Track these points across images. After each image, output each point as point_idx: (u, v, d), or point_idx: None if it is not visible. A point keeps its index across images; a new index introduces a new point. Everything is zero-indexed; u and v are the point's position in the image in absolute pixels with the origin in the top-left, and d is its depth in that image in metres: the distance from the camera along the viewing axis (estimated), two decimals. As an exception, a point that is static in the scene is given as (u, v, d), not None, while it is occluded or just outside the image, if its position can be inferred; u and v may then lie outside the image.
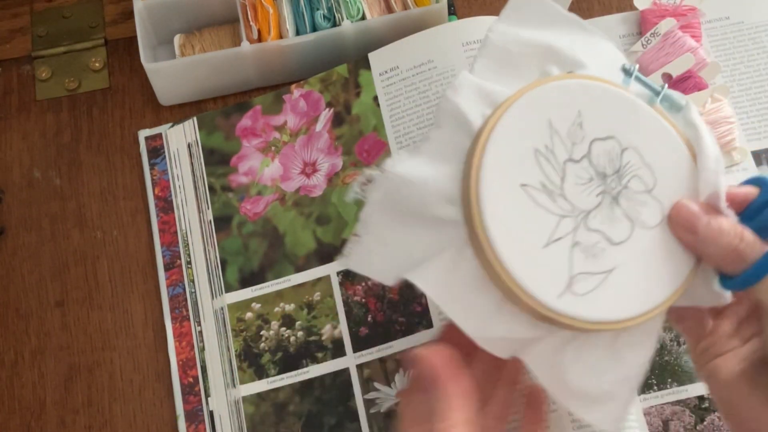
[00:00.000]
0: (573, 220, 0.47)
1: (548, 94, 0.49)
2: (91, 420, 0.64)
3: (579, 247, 0.46)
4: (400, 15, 0.71)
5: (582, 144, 0.48)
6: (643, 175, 0.48)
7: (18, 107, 0.74)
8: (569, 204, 0.47)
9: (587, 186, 0.48)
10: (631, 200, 0.48)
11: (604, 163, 0.48)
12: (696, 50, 0.69)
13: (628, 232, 0.47)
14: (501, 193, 0.46)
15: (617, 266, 0.47)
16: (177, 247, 0.69)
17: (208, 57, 0.70)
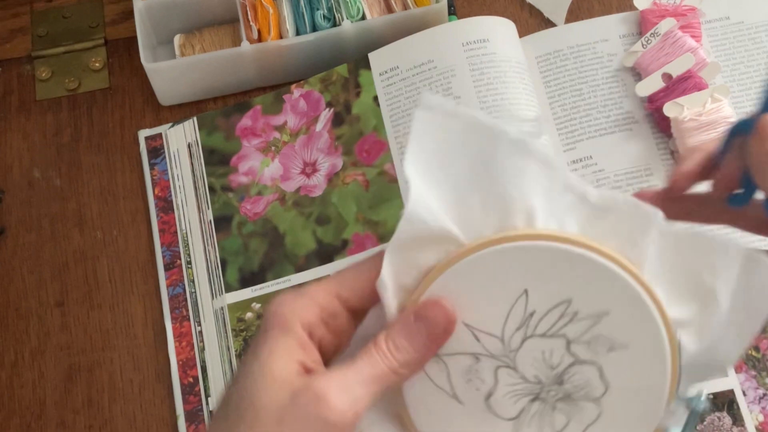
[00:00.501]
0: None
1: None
2: (91, 420, 0.64)
3: None
4: (400, 15, 0.71)
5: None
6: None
7: (18, 107, 0.74)
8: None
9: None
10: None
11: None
12: (696, 50, 0.69)
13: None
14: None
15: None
16: (177, 247, 0.69)
17: (208, 57, 0.70)
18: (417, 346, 0.40)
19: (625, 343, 0.41)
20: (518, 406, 0.41)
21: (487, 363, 0.41)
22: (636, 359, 0.41)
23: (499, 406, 0.41)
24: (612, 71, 0.71)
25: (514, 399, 0.41)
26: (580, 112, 0.70)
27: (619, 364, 0.41)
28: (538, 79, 0.71)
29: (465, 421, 0.41)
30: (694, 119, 0.66)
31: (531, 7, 0.76)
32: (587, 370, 0.41)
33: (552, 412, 0.41)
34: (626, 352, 0.41)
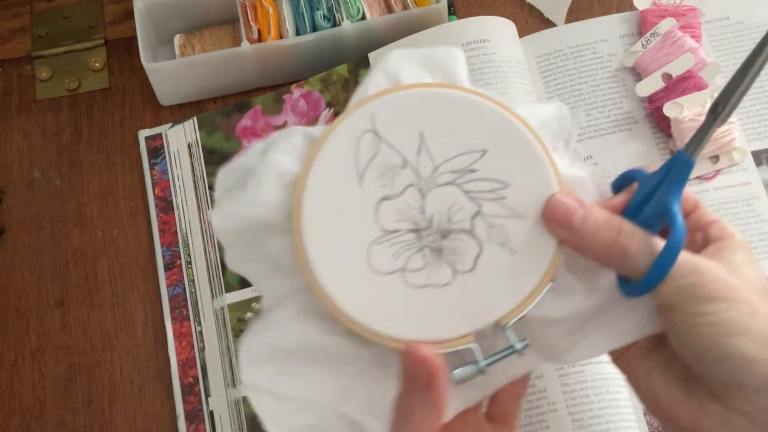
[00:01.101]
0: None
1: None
2: (91, 420, 0.64)
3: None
4: (400, 15, 0.71)
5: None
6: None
7: (18, 107, 0.74)
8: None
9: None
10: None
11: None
12: (696, 50, 0.69)
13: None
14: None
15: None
16: (177, 247, 0.69)
17: (208, 57, 0.70)
18: (414, 400, 0.43)
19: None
20: (397, 225, 0.45)
21: (406, 175, 0.45)
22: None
23: (385, 213, 0.45)
24: (612, 71, 0.71)
25: (399, 218, 0.45)
26: (580, 112, 0.70)
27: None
28: (538, 79, 0.71)
29: (347, 205, 0.45)
30: (694, 119, 0.66)
31: (531, 7, 0.76)
32: (469, 242, 0.45)
33: (418, 252, 0.45)
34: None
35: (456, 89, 0.47)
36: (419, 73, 0.49)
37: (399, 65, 0.49)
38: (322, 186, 0.45)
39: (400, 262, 0.45)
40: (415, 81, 0.48)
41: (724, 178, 0.67)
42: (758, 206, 0.66)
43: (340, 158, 0.46)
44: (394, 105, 0.46)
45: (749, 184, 0.67)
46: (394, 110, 0.46)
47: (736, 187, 0.67)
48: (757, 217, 0.66)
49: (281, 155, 0.47)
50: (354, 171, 0.46)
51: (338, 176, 0.46)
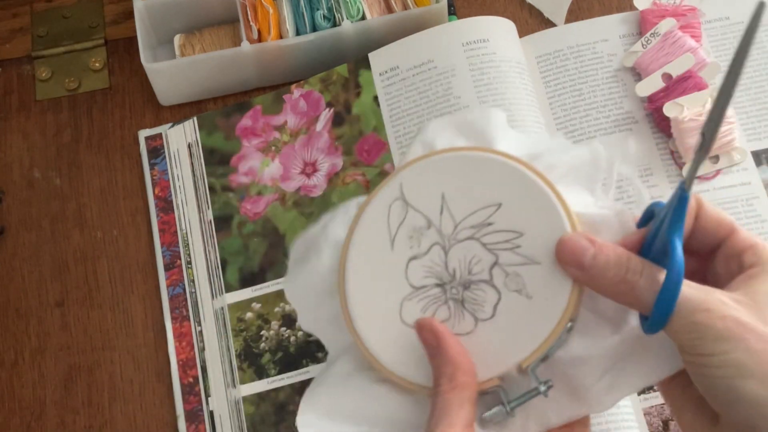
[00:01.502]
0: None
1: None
2: (91, 420, 0.64)
3: None
4: (400, 15, 0.71)
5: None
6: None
7: (18, 107, 0.74)
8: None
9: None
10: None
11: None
12: (696, 50, 0.69)
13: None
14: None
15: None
16: (177, 247, 0.69)
17: (208, 57, 0.70)
18: (436, 365, 0.46)
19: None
20: (424, 281, 0.49)
21: (431, 235, 0.49)
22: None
23: (413, 271, 0.49)
24: (612, 71, 0.71)
25: (426, 274, 0.49)
26: (580, 112, 0.70)
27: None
28: (538, 79, 0.71)
29: (382, 267, 0.49)
30: (694, 119, 0.66)
31: (531, 7, 0.76)
32: (488, 291, 0.48)
33: (444, 304, 0.48)
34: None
35: (474, 150, 0.50)
36: (453, 139, 0.52)
37: (435, 133, 0.53)
38: (361, 252, 0.50)
39: (428, 315, 0.48)
40: (447, 146, 0.52)
41: (724, 178, 0.67)
42: (758, 206, 0.66)
43: (375, 225, 0.50)
44: (419, 171, 0.51)
45: (749, 184, 0.67)
46: (419, 176, 0.50)
47: (736, 187, 0.67)
48: (757, 217, 0.66)
49: (337, 227, 0.53)
50: (387, 235, 0.50)
51: (374, 242, 0.50)
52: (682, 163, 0.67)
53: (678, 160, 0.68)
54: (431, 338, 0.47)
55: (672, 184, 0.67)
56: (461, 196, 0.49)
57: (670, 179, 0.67)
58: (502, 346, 0.47)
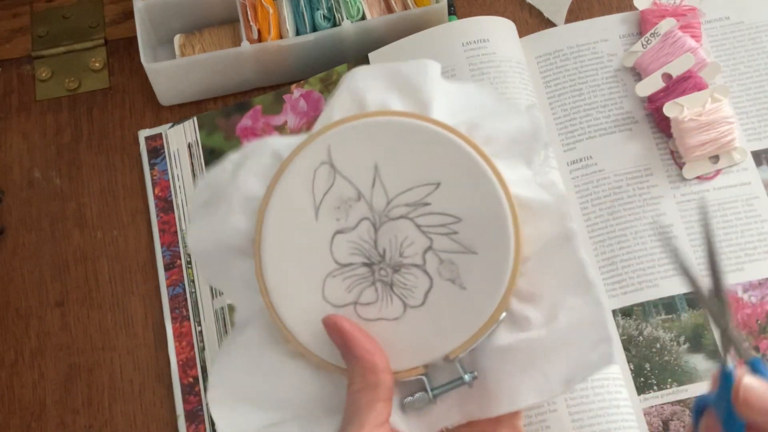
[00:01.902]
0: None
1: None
2: (91, 420, 0.64)
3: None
4: (400, 15, 0.71)
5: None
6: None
7: (18, 107, 0.74)
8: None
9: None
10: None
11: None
12: (696, 50, 0.69)
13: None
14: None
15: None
16: (177, 247, 0.69)
17: (208, 57, 0.70)
18: (347, 363, 0.45)
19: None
20: (351, 259, 0.45)
21: (361, 208, 0.46)
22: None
23: (339, 246, 0.46)
24: (612, 71, 0.71)
25: (353, 251, 0.46)
26: (580, 112, 0.70)
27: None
28: (538, 79, 0.71)
29: (304, 237, 0.46)
30: (694, 119, 0.66)
31: (531, 7, 0.76)
32: (420, 277, 0.45)
33: (371, 285, 0.46)
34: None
35: (413, 118, 0.46)
36: (386, 93, 0.48)
37: (365, 84, 0.49)
38: (281, 216, 0.46)
39: (352, 296, 0.46)
40: (380, 103, 0.48)
41: (724, 178, 0.67)
42: (758, 206, 0.66)
43: (298, 189, 0.46)
44: (350, 135, 0.47)
45: (749, 184, 0.67)
46: (350, 141, 0.46)
47: (736, 187, 0.67)
48: (757, 217, 0.66)
49: (250, 177, 0.48)
50: (311, 202, 0.46)
51: (296, 207, 0.46)
52: (682, 163, 0.67)
53: (678, 160, 0.68)
54: (338, 338, 0.45)
55: (672, 184, 0.67)
56: (396, 168, 0.46)
57: (670, 179, 0.67)
58: (430, 336, 0.45)
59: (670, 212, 0.66)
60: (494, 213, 0.45)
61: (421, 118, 0.46)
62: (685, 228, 0.66)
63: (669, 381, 0.61)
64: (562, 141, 0.69)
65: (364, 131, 0.46)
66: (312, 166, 0.47)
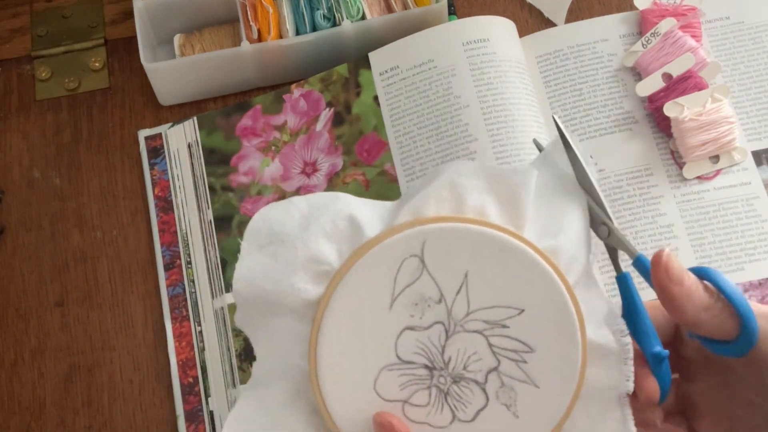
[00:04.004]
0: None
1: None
2: (91, 420, 0.64)
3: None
4: (400, 15, 0.71)
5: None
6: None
7: (18, 107, 0.74)
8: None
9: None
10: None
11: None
12: (696, 50, 0.69)
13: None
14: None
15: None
16: (177, 247, 0.69)
17: (208, 57, 0.70)
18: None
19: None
20: (413, 357, 0.45)
21: (439, 311, 0.45)
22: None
23: (405, 342, 0.45)
24: (612, 71, 0.71)
25: (418, 351, 0.45)
26: (580, 112, 0.70)
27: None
28: (538, 79, 0.71)
29: (372, 322, 0.45)
30: (694, 119, 0.66)
31: (531, 7, 0.76)
32: (477, 393, 0.45)
33: (426, 389, 0.45)
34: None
35: (517, 239, 0.45)
36: (486, 197, 0.47)
37: (468, 182, 0.47)
38: (355, 293, 0.45)
39: (405, 394, 0.45)
40: (479, 207, 0.46)
41: (724, 178, 0.67)
42: (758, 206, 0.66)
43: (380, 273, 0.45)
44: (448, 236, 0.45)
45: (749, 184, 0.67)
46: (446, 242, 0.45)
47: (736, 187, 0.67)
48: (757, 217, 0.66)
49: (321, 238, 0.46)
50: (389, 291, 0.45)
51: (372, 290, 0.45)
52: (682, 163, 0.67)
53: (678, 160, 0.68)
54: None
55: (672, 184, 0.67)
56: (485, 282, 0.45)
57: (670, 179, 0.67)
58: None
59: (670, 212, 0.66)
60: (567, 354, 0.45)
61: (518, 238, 0.45)
62: (686, 228, 0.66)
63: (669, 381, 0.60)
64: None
65: (461, 236, 0.45)
66: (401, 255, 0.45)
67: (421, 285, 0.45)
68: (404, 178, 0.66)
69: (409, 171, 0.67)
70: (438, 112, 0.68)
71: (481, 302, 0.45)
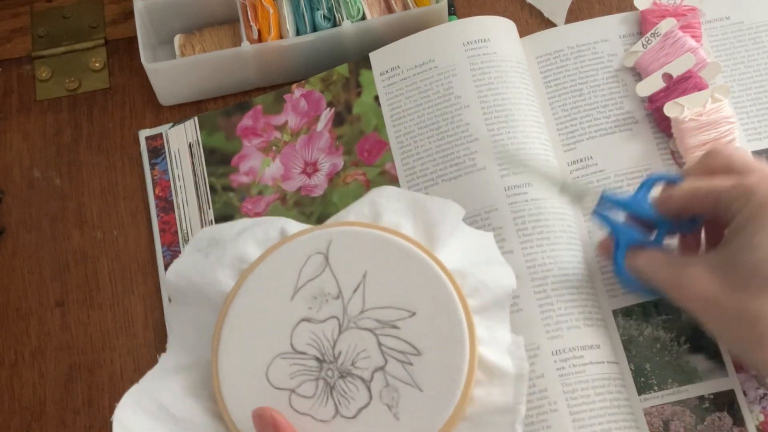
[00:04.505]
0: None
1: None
2: (91, 420, 0.64)
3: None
4: (400, 15, 0.71)
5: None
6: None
7: (18, 107, 0.74)
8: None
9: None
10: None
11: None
12: (696, 50, 0.69)
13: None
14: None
15: None
16: (177, 247, 0.69)
17: (208, 57, 0.70)
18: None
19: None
20: (305, 348, 0.47)
21: (335, 307, 0.47)
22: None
23: (300, 332, 0.47)
24: (612, 71, 0.71)
25: (311, 342, 0.47)
26: (581, 112, 0.70)
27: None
28: (538, 79, 0.72)
29: (273, 311, 0.47)
30: (695, 119, 0.66)
31: (531, 7, 0.76)
32: (361, 391, 0.46)
33: (313, 380, 0.47)
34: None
35: (417, 247, 0.48)
36: (402, 218, 0.51)
37: (388, 204, 0.51)
38: (261, 284, 0.48)
39: (293, 383, 0.47)
40: (394, 224, 0.50)
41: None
42: (758, 206, 0.66)
43: (286, 267, 0.48)
44: (354, 238, 0.48)
45: (749, 184, 0.67)
46: (351, 243, 0.48)
47: (737, 187, 0.67)
48: (757, 217, 0.66)
49: (249, 242, 0.50)
50: (292, 283, 0.48)
51: (277, 282, 0.48)
52: (683, 163, 0.67)
53: (678, 160, 0.68)
54: (269, 430, 0.45)
55: (672, 184, 0.67)
56: (382, 284, 0.47)
57: (670, 179, 0.67)
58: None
59: (670, 212, 0.66)
60: (453, 361, 0.46)
61: (423, 250, 0.48)
62: (686, 228, 0.66)
63: (669, 381, 0.61)
64: (562, 141, 0.69)
65: (366, 239, 0.48)
66: (308, 251, 0.49)
67: (323, 280, 0.48)
68: (405, 178, 0.66)
69: (409, 171, 0.67)
70: (438, 112, 0.68)
71: (376, 302, 0.47)
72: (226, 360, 0.48)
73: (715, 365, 0.61)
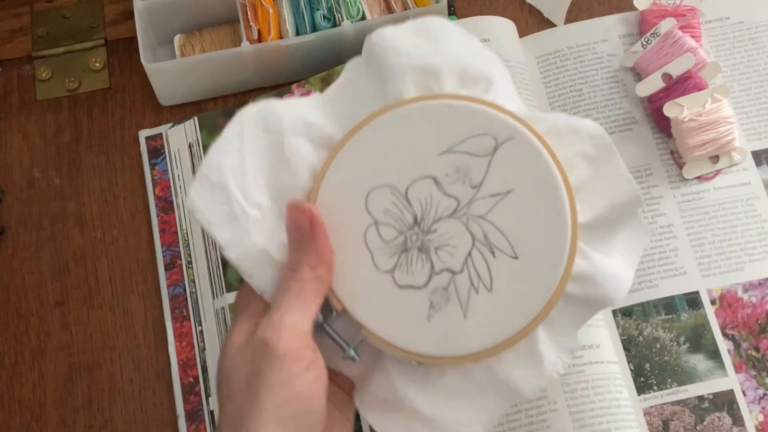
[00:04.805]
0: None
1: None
2: (91, 420, 0.64)
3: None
4: (400, 15, 0.71)
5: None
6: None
7: (18, 107, 0.74)
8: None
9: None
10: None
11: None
12: (696, 50, 0.69)
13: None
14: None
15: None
16: (177, 246, 0.69)
17: (208, 57, 0.70)
18: (301, 252, 0.45)
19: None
20: (416, 201, 0.45)
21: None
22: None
23: (416, 187, 0.45)
24: (612, 71, 0.71)
25: (421, 201, 0.45)
26: (580, 112, 0.70)
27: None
28: (538, 79, 0.72)
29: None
30: (694, 119, 0.66)
31: (531, 7, 0.76)
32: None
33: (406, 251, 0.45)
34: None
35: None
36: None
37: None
38: (412, 125, 0.46)
39: (382, 217, 0.46)
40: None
41: (724, 178, 0.67)
42: (758, 206, 0.66)
43: (420, 122, 0.46)
44: (527, 148, 0.46)
45: (749, 184, 0.67)
46: (522, 153, 0.46)
47: (736, 187, 0.67)
48: (757, 217, 0.66)
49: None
50: (448, 142, 0.46)
51: (411, 137, 0.46)
52: (682, 163, 0.67)
53: (678, 160, 0.68)
54: (305, 223, 0.45)
55: (672, 184, 0.67)
56: (518, 215, 0.45)
57: (670, 179, 0.67)
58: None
59: (670, 212, 0.66)
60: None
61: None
62: (685, 228, 0.66)
63: (669, 381, 0.61)
64: (562, 141, 0.69)
65: (536, 161, 0.46)
66: (481, 126, 0.46)
67: (475, 163, 0.45)
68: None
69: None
70: (438, 112, 0.68)
71: (502, 224, 0.45)
72: (336, 169, 0.46)
73: (715, 365, 0.61)
